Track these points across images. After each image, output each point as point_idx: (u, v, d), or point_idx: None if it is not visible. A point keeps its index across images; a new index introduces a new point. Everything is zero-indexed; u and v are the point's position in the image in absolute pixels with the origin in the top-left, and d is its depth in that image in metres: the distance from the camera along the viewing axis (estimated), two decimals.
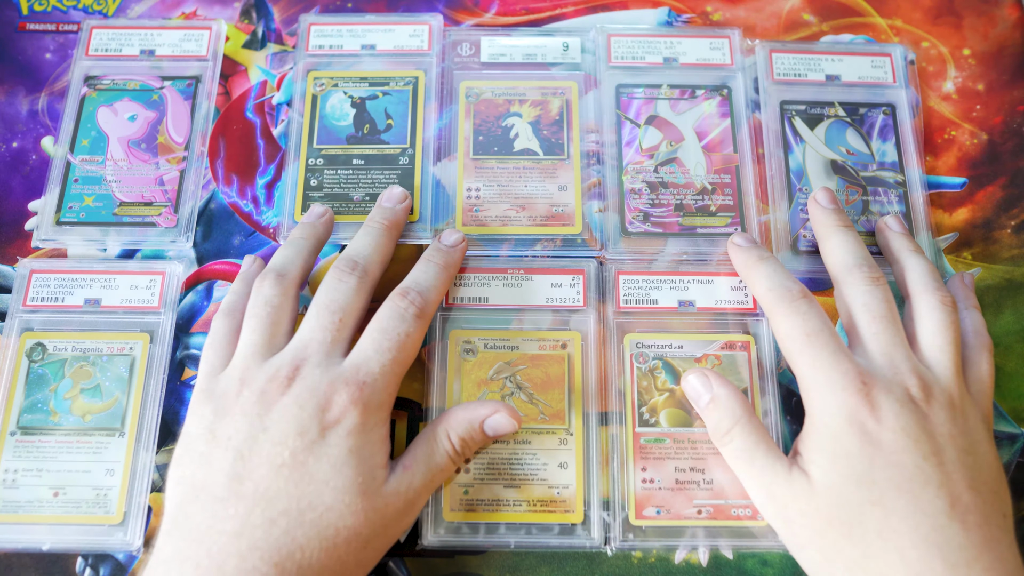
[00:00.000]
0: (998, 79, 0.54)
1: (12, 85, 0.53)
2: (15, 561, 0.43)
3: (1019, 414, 0.46)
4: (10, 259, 0.49)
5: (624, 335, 0.46)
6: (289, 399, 0.37)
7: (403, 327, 0.40)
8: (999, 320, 0.48)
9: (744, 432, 0.39)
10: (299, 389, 0.37)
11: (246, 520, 0.34)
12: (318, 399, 0.37)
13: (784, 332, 0.40)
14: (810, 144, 0.51)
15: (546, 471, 0.43)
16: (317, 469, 0.35)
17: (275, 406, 0.37)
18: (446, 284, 0.44)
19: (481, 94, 0.52)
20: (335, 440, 0.36)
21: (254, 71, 0.54)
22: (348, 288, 0.41)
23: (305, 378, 0.37)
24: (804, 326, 0.39)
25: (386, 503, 0.37)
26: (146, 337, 0.46)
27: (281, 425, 0.36)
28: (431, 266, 0.44)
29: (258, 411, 0.37)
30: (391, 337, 0.39)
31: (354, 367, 0.38)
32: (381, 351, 0.39)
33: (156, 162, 0.50)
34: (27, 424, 0.44)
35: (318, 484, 0.35)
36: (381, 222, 0.45)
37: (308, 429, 0.36)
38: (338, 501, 0.35)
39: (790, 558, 0.42)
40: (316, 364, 0.38)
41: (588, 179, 0.50)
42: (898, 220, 0.47)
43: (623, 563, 0.42)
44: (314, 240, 0.45)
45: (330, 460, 0.36)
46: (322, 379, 0.37)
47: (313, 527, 0.35)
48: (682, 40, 0.53)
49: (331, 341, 0.39)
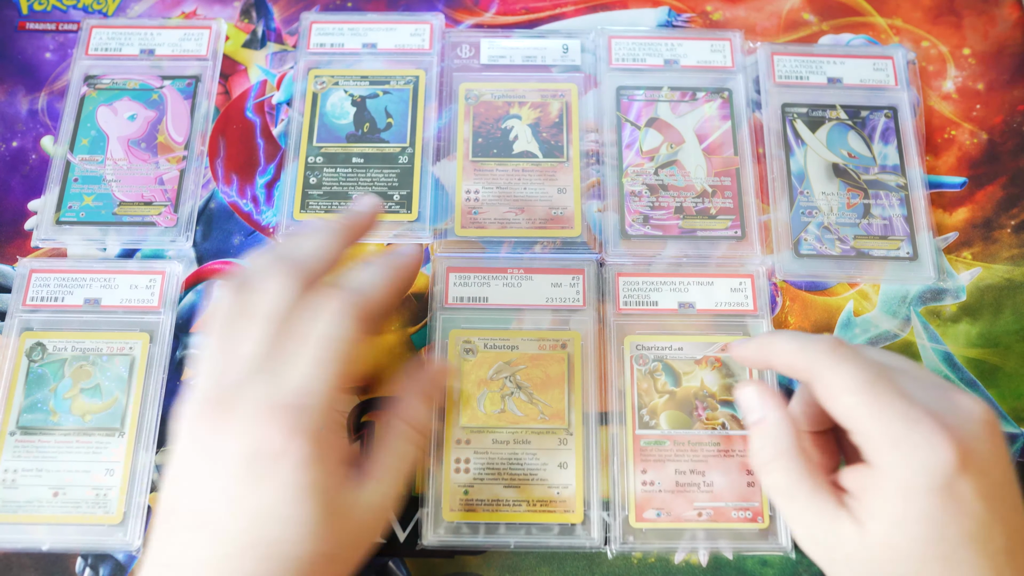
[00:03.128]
0: (998, 79, 0.54)
1: (12, 85, 0.53)
2: (15, 561, 0.43)
3: (1019, 414, 0.46)
4: (10, 259, 0.49)
5: (624, 337, 0.46)
6: (233, 426, 0.34)
7: (342, 332, 0.36)
8: (999, 320, 0.48)
9: (786, 468, 0.35)
10: (239, 416, 0.34)
11: (205, 551, 0.33)
12: (258, 428, 0.34)
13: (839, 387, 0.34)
14: (812, 147, 0.51)
15: (546, 471, 0.43)
16: (266, 503, 0.33)
17: (222, 433, 0.34)
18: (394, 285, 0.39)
19: (481, 96, 0.52)
20: (281, 473, 0.33)
21: (254, 70, 0.54)
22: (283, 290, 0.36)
23: (244, 403, 0.34)
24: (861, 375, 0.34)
25: (350, 519, 0.35)
26: (146, 337, 0.46)
27: (227, 455, 0.34)
28: (375, 267, 0.39)
29: (209, 437, 0.34)
30: (331, 347, 0.35)
31: (294, 390, 0.34)
32: (321, 364, 0.35)
33: (156, 161, 0.50)
34: (27, 424, 0.44)
35: (269, 519, 0.33)
36: (334, 220, 0.40)
37: (251, 461, 0.33)
38: (293, 532, 0.33)
39: (790, 559, 0.42)
40: (256, 386, 0.35)
41: (587, 179, 0.50)
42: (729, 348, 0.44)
43: (623, 563, 0.42)
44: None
45: (278, 493, 0.33)
46: (262, 404, 0.34)
47: (270, 560, 0.33)
48: (683, 42, 0.53)
49: (268, 355, 0.35)
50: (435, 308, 0.46)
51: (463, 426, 0.44)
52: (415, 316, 0.47)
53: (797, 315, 0.48)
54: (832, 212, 0.49)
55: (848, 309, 0.48)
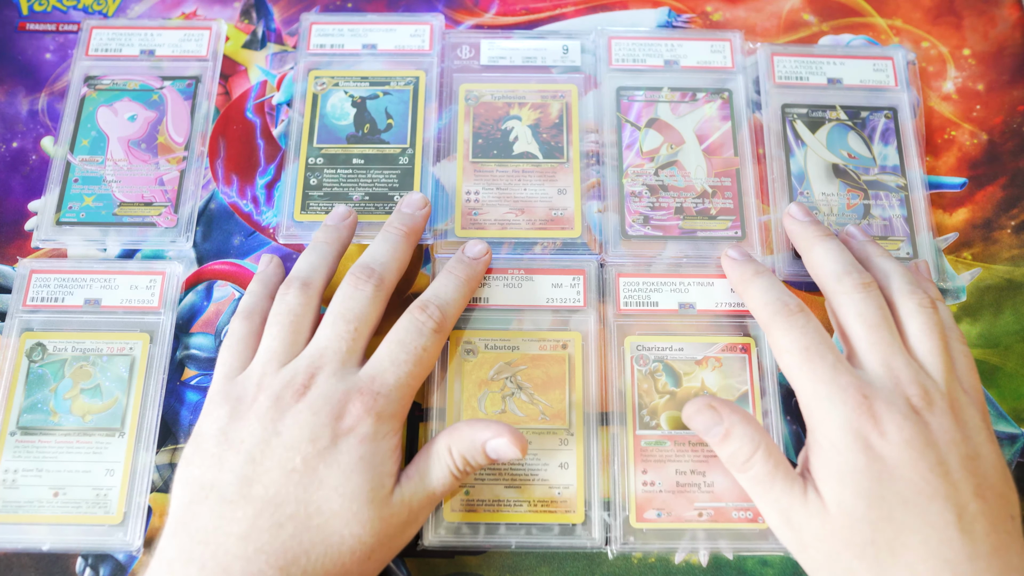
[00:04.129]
0: (998, 79, 0.54)
1: (12, 85, 0.53)
2: (15, 561, 0.43)
3: (1019, 414, 0.46)
4: (10, 259, 0.49)
5: (624, 337, 0.46)
6: (303, 406, 0.37)
7: (420, 340, 0.40)
8: (999, 320, 0.48)
9: (764, 458, 0.38)
10: (314, 396, 0.37)
11: (254, 523, 0.35)
12: (332, 407, 0.37)
13: (782, 347, 0.40)
14: (812, 148, 0.51)
15: (547, 471, 0.43)
16: (327, 475, 0.36)
17: (289, 412, 0.37)
18: (467, 297, 0.44)
19: (480, 97, 0.52)
20: (347, 448, 0.36)
21: (254, 71, 0.54)
22: (364, 296, 0.41)
23: (320, 386, 0.38)
24: (802, 340, 0.39)
25: (391, 513, 0.37)
26: (146, 337, 0.46)
27: (294, 431, 0.36)
28: (452, 278, 0.44)
29: (272, 416, 0.37)
30: (408, 350, 0.40)
31: (369, 377, 0.38)
32: (397, 363, 0.39)
33: (156, 162, 0.50)
34: (27, 424, 0.44)
35: (327, 490, 0.35)
36: (400, 228, 0.45)
37: (320, 436, 0.36)
38: (345, 508, 0.35)
39: (790, 559, 0.42)
40: (331, 373, 0.38)
41: (587, 179, 0.50)
42: (859, 228, 0.47)
43: (623, 563, 0.42)
44: (338, 245, 0.45)
45: (340, 467, 0.36)
46: (337, 388, 0.38)
47: (320, 532, 0.35)
48: (683, 43, 0.53)
49: (347, 350, 0.39)
50: None
51: None
52: None
53: None
54: (832, 213, 0.49)
55: None
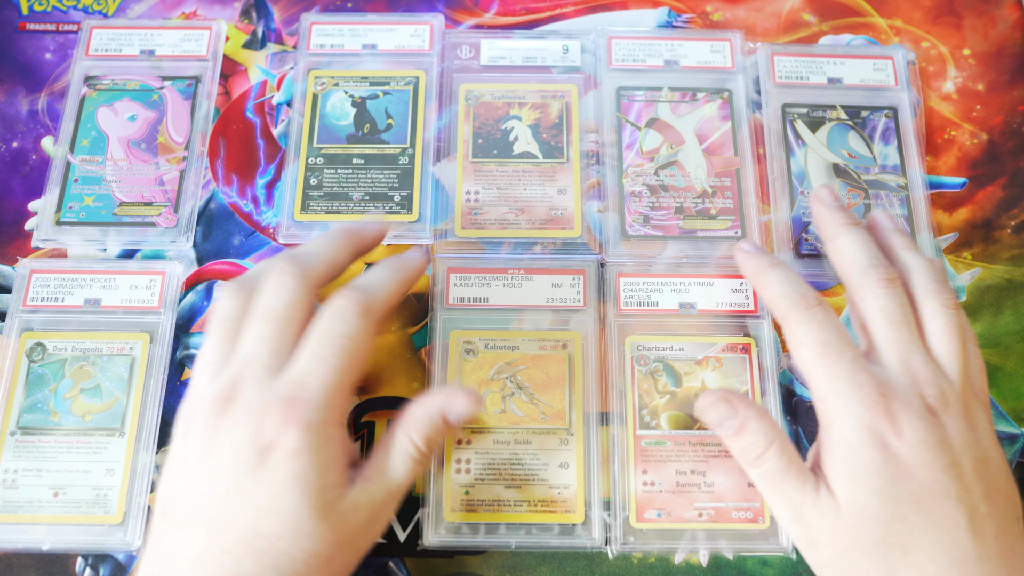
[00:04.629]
0: (998, 79, 0.54)
1: (12, 85, 0.53)
2: (15, 561, 0.43)
3: (1019, 414, 0.46)
4: (10, 259, 0.49)
5: (625, 337, 0.46)
6: (229, 423, 0.34)
7: (345, 328, 0.36)
8: (999, 320, 0.48)
9: (778, 455, 0.37)
10: (236, 412, 0.35)
11: (201, 549, 0.33)
12: (253, 421, 0.34)
13: (799, 341, 0.38)
14: (812, 147, 0.51)
15: (547, 471, 0.43)
16: (260, 496, 0.33)
17: (218, 431, 0.35)
18: (398, 285, 0.40)
19: (480, 97, 0.52)
20: (275, 465, 0.33)
21: (254, 71, 0.54)
22: (285, 289, 0.37)
23: (242, 399, 0.35)
24: (820, 335, 0.38)
25: (343, 521, 0.34)
26: (146, 337, 0.46)
27: (223, 451, 0.34)
28: (380, 267, 0.40)
29: (206, 435, 0.35)
30: (332, 342, 0.36)
31: (292, 384, 0.35)
32: (322, 359, 0.35)
33: (156, 162, 0.50)
34: (27, 424, 0.44)
35: (264, 513, 0.33)
36: (343, 228, 0.42)
37: (246, 456, 0.34)
38: (287, 527, 0.33)
39: (790, 559, 0.42)
40: (256, 383, 0.35)
41: (588, 180, 0.50)
42: (889, 216, 0.45)
43: (623, 563, 0.42)
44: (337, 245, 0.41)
45: (272, 486, 0.33)
46: (258, 399, 0.35)
47: (265, 557, 0.33)
48: (683, 43, 0.53)
49: (270, 353, 0.36)
50: (435, 309, 0.47)
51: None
52: (415, 316, 0.47)
53: None
54: None
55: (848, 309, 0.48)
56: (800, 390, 0.46)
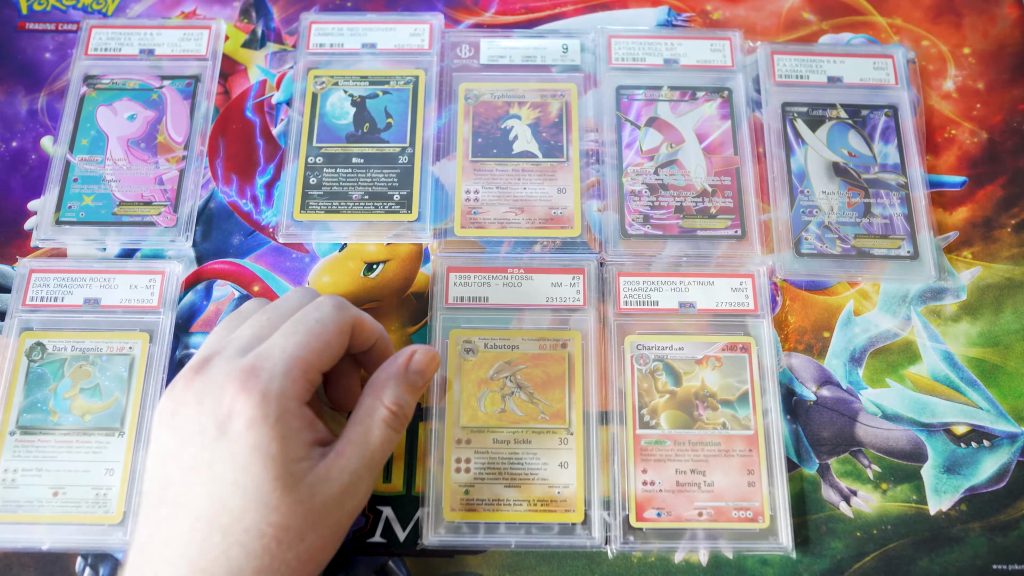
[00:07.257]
0: (998, 78, 0.54)
1: (12, 85, 0.53)
2: (15, 561, 0.43)
3: (1019, 413, 0.46)
4: (10, 259, 0.49)
5: (624, 336, 0.46)
6: (190, 395, 0.34)
7: (315, 314, 0.37)
8: (999, 320, 0.48)
9: None
10: (199, 384, 0.34)
11: (172, 527, 0.33)
12: (215, 393, 0.34)
13: None
14: (812, 146, 0.51)
15: (546, 471, 0.43)
16: (222, 470, 0.33)
17: (184, 404, 0.34)
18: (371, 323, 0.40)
19: (480, 96, 0.52)
20: (235, 436, 0.33)
21: (253, 70, 0.54)
22: (293, 295, 0.39)
23: (207, 372, 0.35)
24: None
25: (312, 493, 0.34)
26: (145, 337, 0.46)
27: (186, 423, 0.34)
28: None
29: (172, 408, 0.35)
30: (300, 321, 0.36)
31: (254, 356, 0.35)
32: (286, 335, 0.36)
33: (155, 161, 0.50)
34: (27, 424, 0.44)
35: (226, 486, 0.33)
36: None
37: (207, 427, 0.33)
38: (251, 501, 0.33)
39: (790, 558, 0.42)
40: (225, 358, 0.35)
41: (587, 179, 0.50)
42: None
43: (623, 562, 0.42)
44: None
45: (234, 459, 0.33)
46: (222, 371, 0.34)
47: (231, 532, 0.32)
48: (683, 42, 0.53)
49: (250, 336, 0.36)
50: (435, 308, 0.46)
51: (463, 426, 0.44)
52: (415, 316, 0.47)
53: (797, 314, 0.48)
54: (832, 211, 0.49)
55: (848, 308, 0.48)
56: (800, 390, 0.46)
